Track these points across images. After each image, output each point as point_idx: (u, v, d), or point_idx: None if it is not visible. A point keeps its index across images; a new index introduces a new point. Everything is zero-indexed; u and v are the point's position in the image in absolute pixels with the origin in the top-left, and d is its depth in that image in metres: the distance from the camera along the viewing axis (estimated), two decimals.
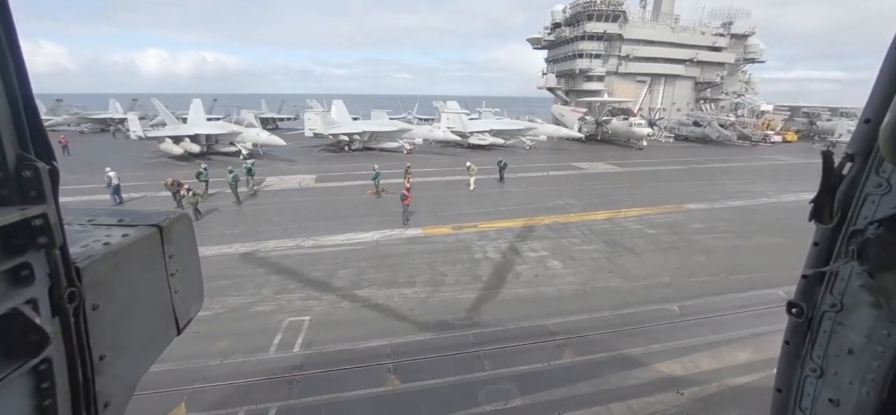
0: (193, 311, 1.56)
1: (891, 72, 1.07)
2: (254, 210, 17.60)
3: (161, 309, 1.37)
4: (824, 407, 1.26)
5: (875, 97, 1.13)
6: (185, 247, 1.48)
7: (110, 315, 1.12)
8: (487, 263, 12.34)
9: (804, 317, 1.30)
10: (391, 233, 14.73)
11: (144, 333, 1.30)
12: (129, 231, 1.26)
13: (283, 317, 9.22)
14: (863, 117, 1.16)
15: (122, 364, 1.19)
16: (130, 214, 1.39)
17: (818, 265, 1.27)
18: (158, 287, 1.35)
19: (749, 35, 53.63)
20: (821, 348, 1.26)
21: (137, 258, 1.24)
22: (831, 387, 1.24)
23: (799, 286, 1.33)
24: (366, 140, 34.30)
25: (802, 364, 1.32)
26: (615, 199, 19.97)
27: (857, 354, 1.16)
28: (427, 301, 10.04)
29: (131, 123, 29.81)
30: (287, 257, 12.59)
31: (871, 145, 1.13)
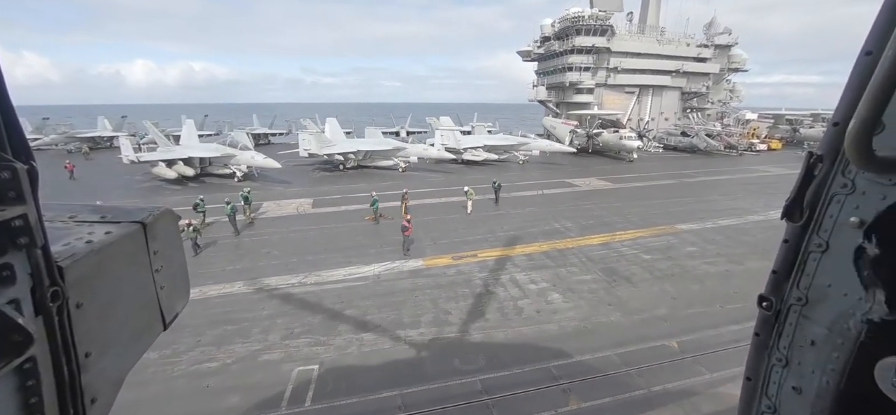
0: (180, 306, 1.59)
1: (858, 78, 1.12)
2: (253, 242, 17.60)
3: (147, 305, 1.37)
4: (788, 395, 1.33)
5: (844, 101, 1.17)
6: (170, 243, 1.48)
7: (95, 313, 1.12)
8: (490, 297, 12.57)
9: (773, 310, 1.36)
10: (392, 265, 14.89)
11: (130, 329, 1.29)
12: (112, 228, 1.25)
13: (292, 366, 9.32)
14: (832, 120, 1.22)
15: (109, 361, 1.19)
16: (113, 211, 1.38)
17: (787, 261, 1.34)
18: (143, 284, 1.35)
19: (732, 45, 55.23)
20: (787, 339, 1.32)
21: (121, 255, 1.24)
22: (795, 376, 1.30)
23: (769, 281, 1.39)
24: (361, 159, 34.42)
25: (770, 355, 1.38)
26: (609, 220, 20.40)
27: (819, 345, 1.22)
28: (433, 344, 10.22)
29: (123, 147, 29.50)
30: (290, 296, 12.67)
31: (838, 148, 1.19)
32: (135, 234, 1.30)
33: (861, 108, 0.94)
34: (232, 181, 29.88)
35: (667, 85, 52.09)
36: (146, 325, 1.38)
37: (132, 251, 1.29)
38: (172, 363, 9.44)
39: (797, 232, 1.30)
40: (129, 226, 1.29)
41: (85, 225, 1.26)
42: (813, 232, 1.25)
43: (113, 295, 1.20)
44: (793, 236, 1.31)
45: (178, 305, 1.58)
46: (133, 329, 1.31)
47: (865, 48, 1.12)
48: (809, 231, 1.26)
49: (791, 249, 1.32)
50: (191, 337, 10.45)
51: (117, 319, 1.22)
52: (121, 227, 1.27)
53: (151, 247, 1.36)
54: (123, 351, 1.26)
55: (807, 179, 1.28)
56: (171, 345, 10.11)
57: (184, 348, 10.03)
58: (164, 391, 8.58)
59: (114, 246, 1.20)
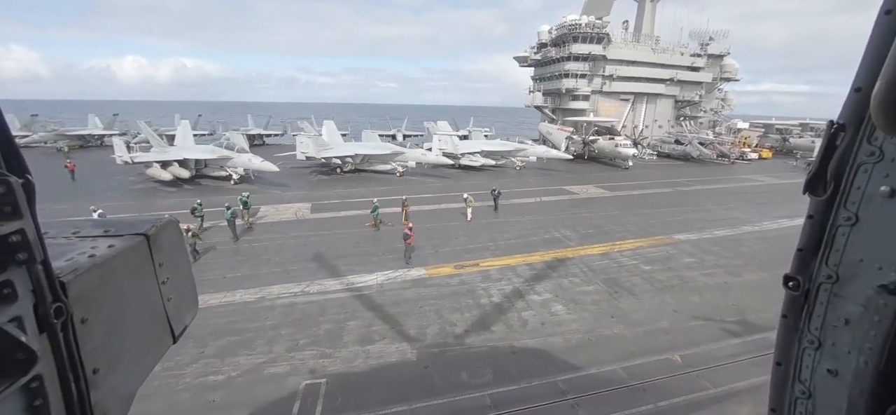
0: (188, 318, 1.55)
1: (880, 39, 1.07)
2: (252, 248, 17.43)
3: (154, 318, 1.35)
4: (823, 378, 1.26)
5: (865, 65, 1.11)
6: (175, 254, 1.46)
7: (101, 328, 1.10)
8: (493, 309, 12.61)
9: (801, 290, 1.30)
10: (394, 274, 14.87)
11: (139, 343, 1.27)
12: (114, 242, 1.23)
13: (299, 380, 9.25)
14: (853, 86, 1.16)
15: (118, 376, 1.17)
16: (116, 224, 1.36)
17: (813, 238, 1.27)
18: (150, 296, 1.33)
19: (724, 55, 56.22)
20: (818, 319, 1.26)
21: (125, 269, 1.22)
22: (830, 358, 1.24)
23: (795, 259, 1.32)
24: (358, 163, 34.31)
25: (800, 337, 1.32)
26: (608, 230, 20.60)
27: (854, 324, 1.16)
28: (440, 357, 10.22)
29: (116, 147, 29.04)
30: (293, 306, 12.57)
31: (862, 114, 1.13)
32: (138, 246, 1.28)
33: (886, 69, 0.89)
34: (228, 184, 29.60)
35: (661, 93, 52.77)
36: (155, 338, 1.36)
37: (136, 264, 1.28)
38: (176, 376, 9.31)
39: (822, 206, 1.23)
40: (133, 238, 1.28)
41: (87, 240, 1.25)
42: (840, 205, 1.19)
43: (119, 309, 1.18)
44: (817, 211, 1.25)
45: (187, 316, 1.54)
46: (142, 343, 1.29)
47: (885, 7, 1.06)
48: (836, 204, 1.19)
49: (817, 224, 1.25)
50: (194, 348, 10.31)
51: (125, 333, 1.20)
52: (124, 240, 1.26)
53: (156, 259, 1.34)
54: (133, 366, 1.24)
55: (829, 150, 1.20)
56: (174, 356, 9.94)
57: (187, 359, 9.89)
58: (168, 406, 8.45)
59: (117, 259, 1.19)
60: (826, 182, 1.21)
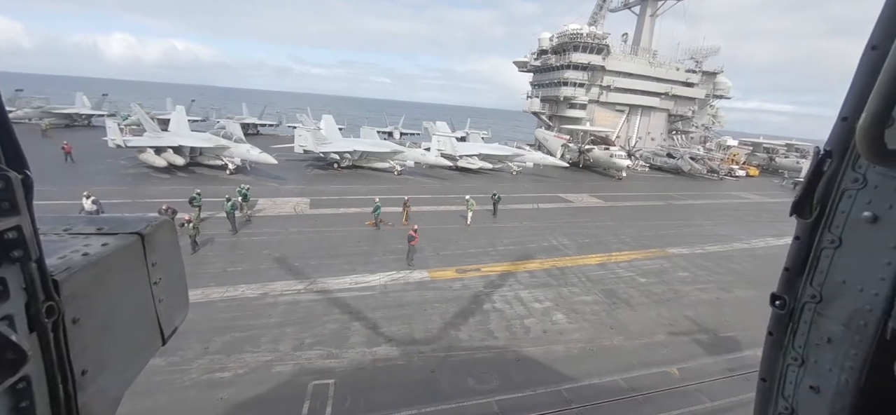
0: (178, 319, 1.52)
1: (866, 73, 1.12)
2: (252, 242, 17.27)
3: (145, 319, 1.32)
4: (805, 394, 1.30)
5: (852, 95, 1.16)
6: (169, 254, 1.43)
7: (91, 328, 1.07)
8: (496, 315, 12.78)
9: (786, 308, 1.34)
10: (397, 275, 14.93)
11: (128, 345, 1.25)
12: (108, 240, 1.21)
13: (307, 379, 9.26)
14: (840, 115, 1.20)
15: (106, 378, 1.14)
16: (110, 222, 1.33)
17: (799, 259, 1.31)
18: (141, 297, 1.30)
19: (718, 72, 57.57)
20: (802, 337, 1.30)
21: (118, 268, 1.19)
22: (812, 375, 1.28)
23: (781, 279, 1.37)
24: (356, 159, 34.16)
25: (785, 354, 1.36)
26: (605, 240, 20.99)
27: (836, 342, 1.20)
28: (446, 361, 10.34)
29: (109, 129, 28.34)
30: (297, 303, 12.54)
31: (847, 142, 1.18)
32: (133, 245, 1.25)
33: (871, 102, 0.94)
34: (223, 173, 29.18)
35: (655, 106, 53.77)
36: (144, 340, 1.33)
37: (130, 263, 1.25)
38: (182, 372, 9.23)
39: (808, 229, 1.28)
40: (127, 237, 1.25)
41: (80, 237, 1.22)
42: (825, 228, 1.24)
43: (110, 309, 1.15)
44: (804, 233, 1.30)
45: (177, 318, 1.51)
46: (131, 345, 1.26)
47: (871, 43, 1.12)
48: (821, 227, 1.25)
49: (803, 245, 1.30)
50: (198, 343, 10.24)
51: (115, 334, 1.17)
52: (118, 238, 1.23)
53: (150, 259, 1.31)
54: (121, 368, 1.21)
55: (816, 175, 1.26)
56: (178, 351, 9.87)
57: (192, 355, 9.81)
58: (175, 403, 8.39)
59: (111, 258, 1.15)
60: (812, 205, 1.27)
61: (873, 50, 1.11)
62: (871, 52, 1.11)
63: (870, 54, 1.12)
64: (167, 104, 54.06)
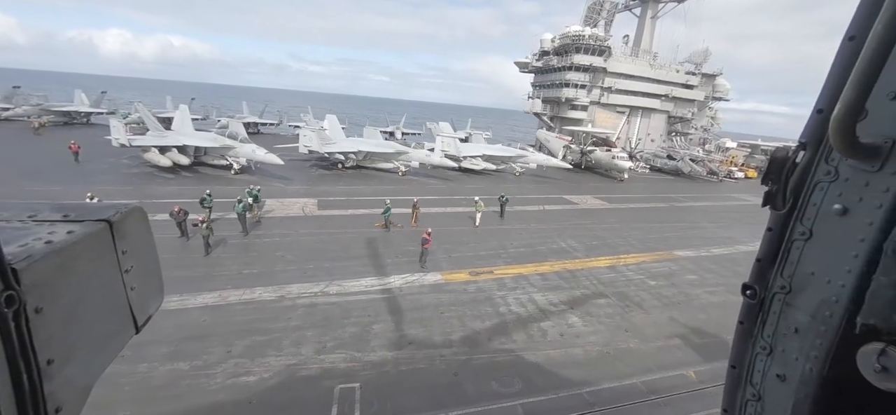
0: (153, 307, 1.49)
1: (841, 64, 1.12)
2: (264, 244, 17.27)
3: (115, 308, 1.30)
4: (772, 382, 1.33)
5: (827, 88, 1.17)
6: (140, 241, 1.41)
7: (56, 318, 1.05)
8: (513, 318, 12.91)
9: (757, 298, 1.36)
10: (412, 278, 15.01)
11: (98, 334, 1.22)
12: (75, 227, 1.18)
13: (332, 383, 9.33)
14: (816, 107, 1.21)
15: (74, 367, 1.12)
16: (77, 209, 1.30)
17: (771, 250, 1.33)
18: (111, 285, 1.28)
19: (717, 75, 58.05)
20: (771, 327, 1.32)
21: (85, 256, 1.17)
22: (779, 363, 1.30)
23: (753, 269, 1.39)
24: (360, 159, 34.16)
25: (754, 343, 1.38)
26: (612, 242, 21.18)
27: (802, 332, 1.22)
28: (468, 364, 10.45)
29: (113, 128, 28.14)
30: (315, 306, 12.59)
31: (822, 135, 1.18)
32: (100, 233, 1.23)
33: (845, 94, 0.95)
34: (228, 173, 29.09)
35: (655, 108, 54.15)
36: (116, 328, 1.30)
37: (98, 251, 1.22)
38: (208, 376, 9.27)
39: (781, 220, 1.30)
40: (94, 225, 1.23)
41: (45, 224, 1.19)
42: (797, 220, 1.26)
43: (77, 298, 1.12)
44: (776, 224, 1.32)
45: (152, 306, 1.48)
46: (101, 333, 1.23)
47: (848, 33, 1.12)
48: (793, 219, 1.26)
49: (775, 237, 1.32)
50: (220, 346, 10.27)
51: (83, 323, 1.14)
52: (85, 226, 1.20)
53: (119, 246, 1.29)
54: (91, 357, 1.19)
55: (790, 166, 1.28)
56: (201, 355, 9.92)
57: (215, 358, 9.85)
58: (206, 408, 8.43)
59: (77, 246, 1.13)
60: (785, 197, 1.28)
61: (851, 40, 1.11)
62: (848, 43, 1.11)
63: (847, 45, 1.11)
64: (167, 103, 53.73)
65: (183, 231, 16.79)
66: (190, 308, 11.94)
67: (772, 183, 1.32)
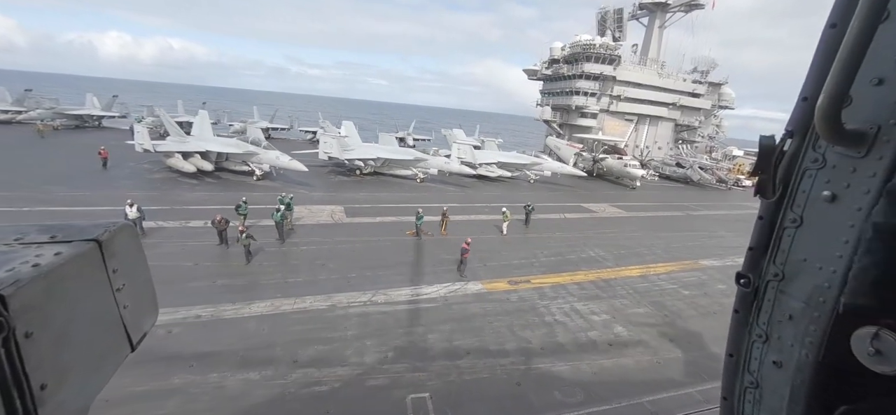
0: (148, 324, 1.47)
1: (824, 51, 1.12)
2: (302, 252, 17.46)
3: (109, 328, 1.28)
4: (769, 369, 1.34)
5: (811, 75, 1.17)
6: (131, 259, 1.39)
7: (48, 342, 1.03)
8: (560, 327, 13.16)
9: (751, 287, 1.37)
10: (454, 287, 15.24)
11: (92, 355, 1.20)
12: (62, 249, 1.16)
13: (403, 393, 9.53)
14: (801, 95, 1.22)
15: (69, 390, 1.10)
16: (65, 229, 1.28)
17: (763, 238, 1.34)
18: (103, 305, 1.26)
19: (723, 84, 58.83)
20: (766, 315, 1.33)
21: (75, 277, 1.15)
22: (775, 351, 1.31)
23: (746, 258, 1.40)
24: (378, 166, 34.41)
25: (750, 331, 1.40)
26: (638, 251, 21.51)
27: (797, 319, 1.23)
28: (528, 374, 10.69)
29: (137, 133, 28.27)
30: (367, 316, 12.79)
31: (808, 122, 1.18)
32: (89, 253, 1.21)
33: (829, 82, 0.95)
34: (250, 179, 29.25)
35: (663, 116, 54.81)
36: (110, 348, 1.29)
37: (88, 272, 1.20)
38: (280, 385, 9.46)
39: (771, 208, 1.32)
40: (83, 245, 1.21)
41: (32, 247, 1.17)
42: (787, 207, 1.27)
43: (68, 320, 1.10)
44: (767, 213, 1.34)
45: (146, 323, 1.45)
46: (95, 354, 1.22)
47: (830, 20, 1.12)
48: (784, 207, 1.28)
49: (766, 225, 1.34)
50: (285, 356, 10.46)
51: (75, 345, 1.13)
52: (73, 246, 1.19)
53: (110, 265, 1.27)
54: (86, 379, 1.17)
55: (779, 154, 1.29)
56: (268, 365, 10.10)
57: (283, 368, 10.03)
58: None
59: (65, 267, 1.11)
60: (775, 185, 1.29)
61: (832, 28, 1.12)
62: (830, 30, 1.12)
63: (829, 32, 1.12)
64: (179, 107, 53.80)
65: (223, 239, 16.95)
66: (246, 317, 12.12)
67: (761, 172, 1.33)
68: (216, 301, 12.72)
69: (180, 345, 10.61)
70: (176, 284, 13.57)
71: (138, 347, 1.40)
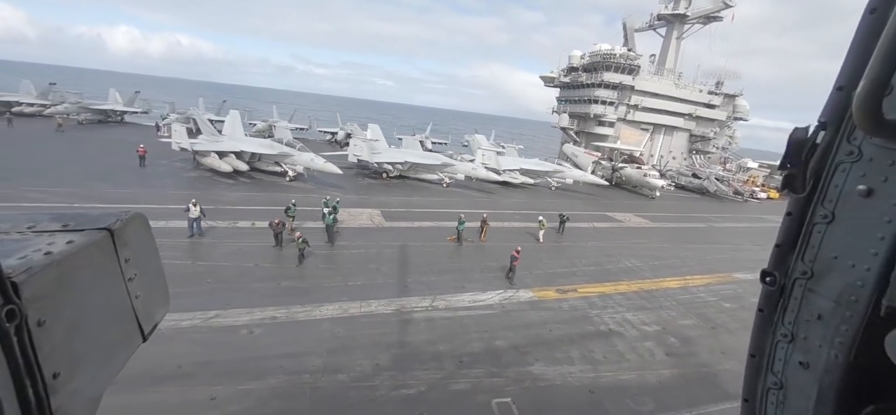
0: (159, 315, 1.46)
1: (864, 38, 1.08)
2: (352, 255, 17.93)
3: (121, 317, 1.28)
4: (795, 370, 1.29)
5: (848, 63, 1.12)
6: (143, 248, 1.38)
7: (60, 330, 1.03)
8: (617, 337, 13.61)
9: (777, 285, 1.33)
10: (507, 294, 15.71)
11: (104, 344, 1.19)
12: (74, 237, 1.15)
13: (485, 398, 10.00)
14: (836, 84, 1.16)
15: (81, 380, 1.10)
16: (77, 218, 1.27)
17: (791, 234, 1.29)
18: (115, 295, 1.26)
19: (737, 95, 59.34)
20: (792, 314, 1.29)
21: (87, 266, 1.14)
22: (801, 351, 1.26)
23: (772, 255, 1.36)
24: (405, 170, 34.90)
25: (774, 330, 1.36)
26: (671, 263, 21.95)
27: (826, 318, 1.18)
28: (597, 381, 11.14)
29: (175, 132, 28.80)
30: (433, 321, 13.25)
31: (843, 113, 1.13)
32: (101, 242, 1.21)
33: (870, 69, 0.91)
34: (283, 180, 29.78)
35: (679, 126, 55.29)
36: (122, 338, 1.28)
37: (100, 261, 1.19)
38: (370, 388, 9.91)
39: (801, 203, 1.27)
40: (95, 234, 1.20)
41: (44, 235, 1.16)
42: (817, 203, 1.21)
43: (80, 309, 1.10)
44: (796, 208, 1.28)
45: (158, 314, 1.45)
46: (107, 343, 1.21)
47: (870, 6, 1.08)
48: (814, 202, 1.22)
49: (795, 221, 1.29)
50: (366, 359, 10.92)
51: (87, 334, 1.12)
52: (85, 235, 1.18)
53: (122, 254, 1.27)
54: (98, 368, 1.17)
55: (810, 148, 1.24)
56: (353, 367, 10.56)
57: (368, 370, 10.49)
58: None
59: (77, 256, 1.11)
60: (805, 180, 1.25)
61: (872, 13, 1.08)
62: (869, 16, 1.08)
63: (868, 18, 1.08)
64: (200, 104, 54.37)
65: (278, 241, 17.43)
66: (318, 319, 12.59)
67: (791, 165, 1.29)
68: (286, 303, 13.18)
69: (264, 346, 11.09)
70: (243, 284, 14.08)
71: (150, 337, 1.38)
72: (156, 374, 9.14)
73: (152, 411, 8.55)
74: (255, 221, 20.39)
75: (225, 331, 11.52)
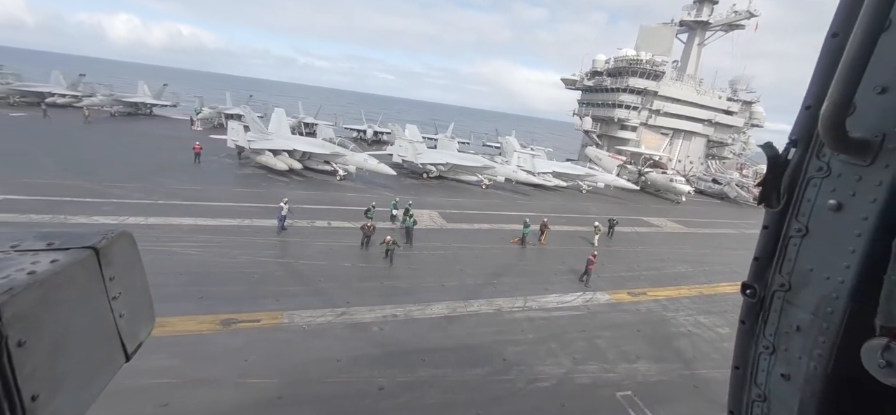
0: (144, 333, 1.43)
1: (826, 60, 1.15)
2: (433, 256, 18.98)
3: (104, 337, 1.25)
4: (777, 382, 1.32)
5: (814, 84, 1.19)
6: (128, 266, 1.36)
7: (41, 351, 0.99)
8: (697, 338, 14.83)
9: (757, 297, 1.37)
10: (586, 297, 16.88)
11: (86, 365, 1.16)
12: (58, 256, 1.13)
13: (608, 391, 11.17)
14: (804, 104, 1.22)
15: (61, 402, 1.07)
16: (62, 236, 1.25)
17: (768, 248, 1.33)
18: (99, 314, 1.23)
19: (754, 102, 60.77)
20: (772, 326, 1.32)
21: (70, 285, 1.11)
22: (783, 363, 1.29)
23: (751, 268, 1.39)
24: (444, 170, 35.90)
25: (756, 342, 1.39)
26: (718, 269, 23.20)
27: (804, 330, 1.22)
28: (701, 378, 12.35)
29: (231, 129, 29.60)
30: (533, 321, 14.38)
31: (811, 131, 1.20)
32: (86, 260, 1.19)
33: (832, 91, 0.96)
34: (334, 179, 30.69)
35: (697, 132, 56.61)
36: (104, 358, 1.26)
37: (84, 280, 1.17)
38: (509, 381, 11.03)
39: (776, 218, 1.30)
40: (79, 252, 1.19)
41: (28, 254, 1.14)
42: (792, 217, 1.26)
43: (62, 330, 1.07)
44: (772, 222, 1.32)
45: (142, 332, 1.43)
46: (89, 364, 1.18)
47: (831, 30, 1.14)
48: (788, 216, 1.26)
49: (771, 235, 1.32)
50: (492, 355, 12.04)
51: (69, 355, 1.09)
52: (70, 254, 1.17)
53: (106, 273, 1.25)
54: (79, 389, 1.13)
55: (782, 164, 1.29)
56: (484, 362, 11.65)
57: (498, 366, 11.58)
58: (530, 408, 10.20)
59: (61, 275, 1.08)
60: (780, 195, 1.29)
61: (834, 37, 1.14)
62: (831, 39, 1.14)
63: (831, 42, 1.14)
64: (227, 99, 54.86)
65: (365, 245, 18.44)
66: (433, 318, 13.67)
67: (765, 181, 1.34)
68: (400, 302, 14.23)
69: (395, 341, 12.16)
70: (351, 283, 15.12)
71: (133, 358, 1.35)
72: (321, 369, 10.20)
73: (332, 402, 9.58)
74: (330, 220, 21.41)
75: (358, 327, 12.59)
